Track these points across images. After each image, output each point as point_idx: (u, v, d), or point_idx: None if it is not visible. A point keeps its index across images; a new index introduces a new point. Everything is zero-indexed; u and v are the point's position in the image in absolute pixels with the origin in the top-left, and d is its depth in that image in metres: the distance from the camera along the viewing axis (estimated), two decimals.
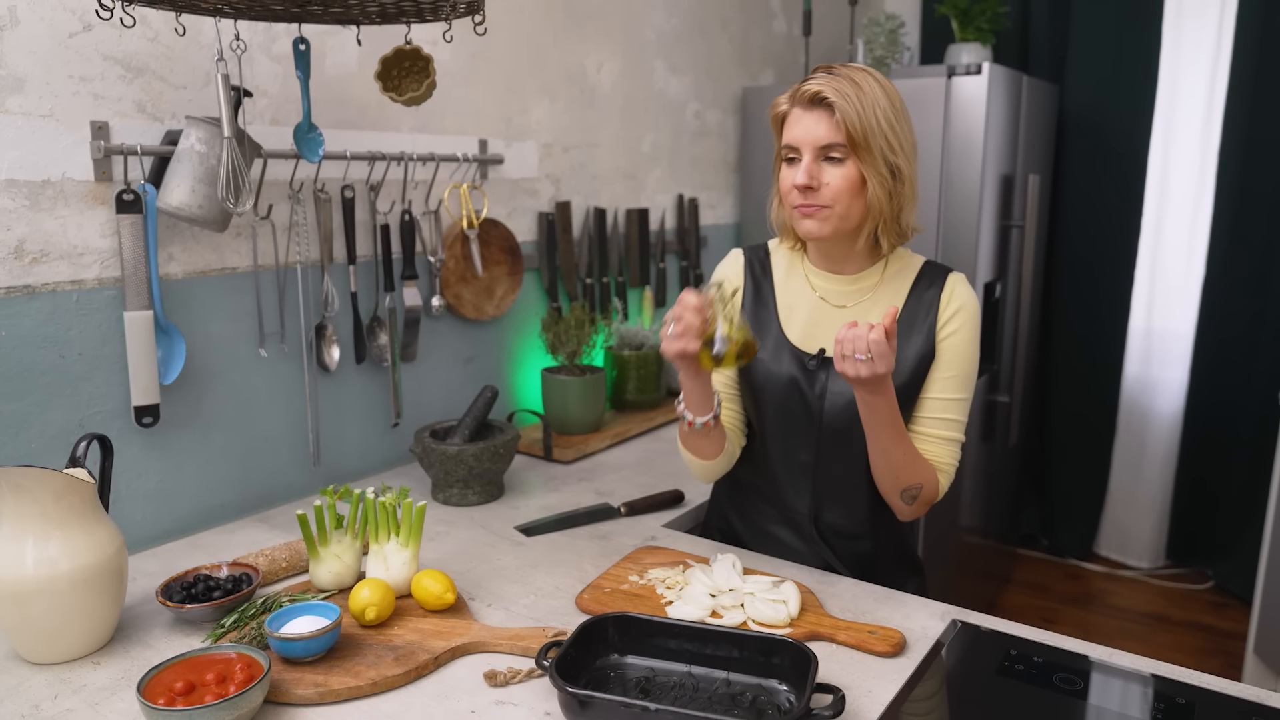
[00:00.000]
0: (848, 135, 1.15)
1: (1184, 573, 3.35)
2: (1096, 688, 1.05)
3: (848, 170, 1.17)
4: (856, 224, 1.22)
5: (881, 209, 1.20)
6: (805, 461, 1.33)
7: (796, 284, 1.33)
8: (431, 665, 1.08)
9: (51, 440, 1.32)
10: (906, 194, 1.21)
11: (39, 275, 1.28)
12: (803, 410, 1.30)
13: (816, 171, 1.18)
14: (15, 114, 1.24)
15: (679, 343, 1.12)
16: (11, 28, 1.22)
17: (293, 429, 1.64)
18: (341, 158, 1.61)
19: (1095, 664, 1.09)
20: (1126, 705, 1.03)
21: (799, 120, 1.19)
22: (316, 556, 1.24)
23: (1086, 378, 3.33)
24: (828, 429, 1.30)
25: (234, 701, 0.92)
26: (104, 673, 1.07)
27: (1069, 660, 1.10)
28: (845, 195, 1.18)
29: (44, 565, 1.05)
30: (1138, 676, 1.07)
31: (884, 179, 1.18)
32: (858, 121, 1.14)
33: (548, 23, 2.08)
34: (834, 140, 1.16)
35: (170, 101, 1.40)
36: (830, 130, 1.16)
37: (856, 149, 1.16)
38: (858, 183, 1.18)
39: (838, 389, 1.28)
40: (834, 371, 1.28)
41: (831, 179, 1.18)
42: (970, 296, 1.28)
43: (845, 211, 1.19)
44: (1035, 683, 1.05)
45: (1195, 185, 3.10)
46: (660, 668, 1.07)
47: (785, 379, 1.30)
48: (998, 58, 3.21)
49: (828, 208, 1.19)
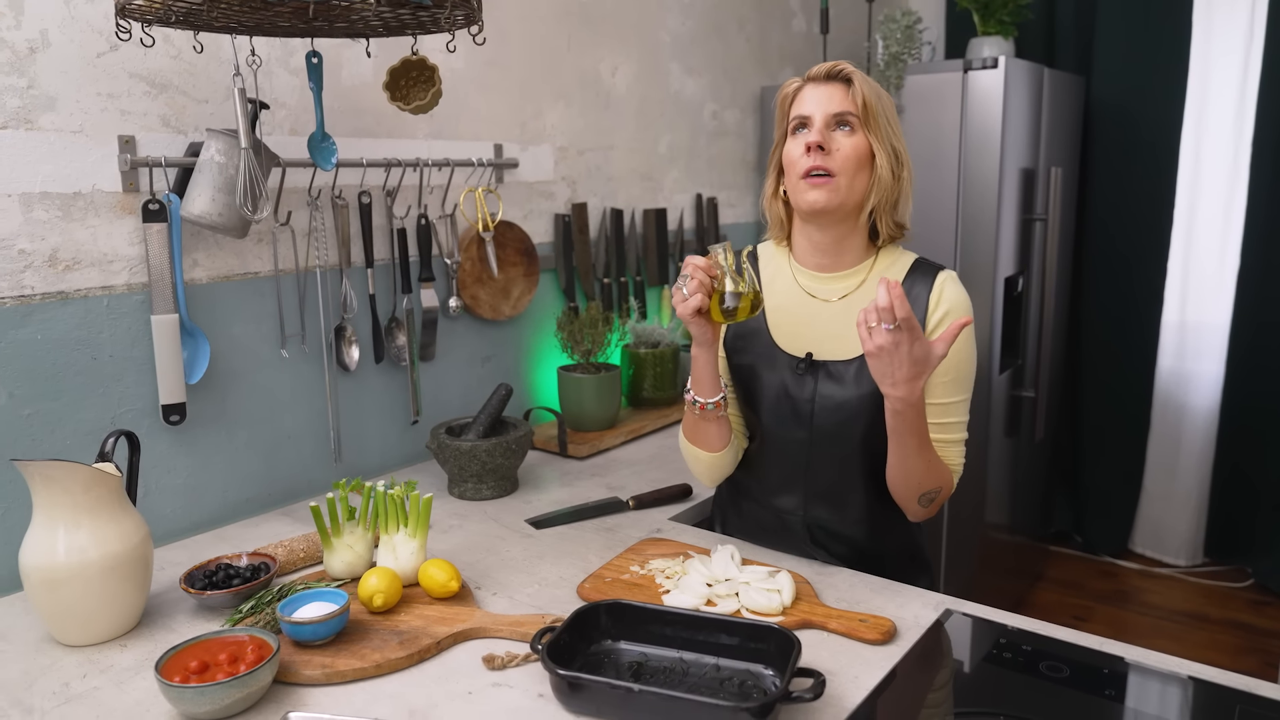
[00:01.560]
0: (863, 106, 1.20)
1: (1224, 570, 3.28)
2: (1082, 675, 1.06)
3: (858, 140, 1.21)
4: (860, 199, 1.24)
5: (886, 187, 1.22)
6: (798, 465, 1.34)
7: (783, 285, 1.34)
8: (434, 649, 1.13)
9: (85, 437, 1.40)
10: (907, 180, 1.24)
11: (72, 282, 1.36)
12: (792, 414, 1.31)
13: (828, 136, 1.21)
14: (48, 130, 1.32)
15: (693, 300, 1.16)
16: (44, 49, 1.30)
17: (314, 426, 1.71)
18: (358, 165, 1.67)
19: (1083, 651, 1.10)
20: (1112, 689, 1.03)
21: (811, 93, 1.24)
22: (330, 547, 1.30)
23: (1119, 372, 3.28)
24: (819, 433, 1.30)
25: (244, 679, 0.98)
26: (130, 654, 1.14)
27: (1057, 649, 1.11)
28: (853, 164, 1.21)
29: (75, 553, 1.12)
30: (1123, 663, 1.08)
31: (890, 156, 1.22)
32: (873, 97, 1.21)
33: (561, 29, 2.13)
34: (847, 109, 1.21)
35: (193, 115, 1.47)
36: (844, 100, 1.21)
37: (868, 121, 1.20)
38: (866, 154, 1.21)
39: (828, 392, 1.28)
40: (823, 375, 1.29)
41: (841, 145, 1.21)
42: (960, 295, 1.27)
43: (851, 183, 1.21)
44: (1022, 670, 1.07)
45: (1229, 174, 3.04)
46: (652, 653, 1.10)
47: (773, 382, 1.31)
48: (1022, 50, 3.18)
49: (835, 176, 1.21)
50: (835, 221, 1.26)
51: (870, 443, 1.28)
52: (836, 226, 1.27)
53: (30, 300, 1.33)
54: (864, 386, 1.26)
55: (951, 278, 1.28)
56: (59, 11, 1.31)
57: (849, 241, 1.28)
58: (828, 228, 1.27)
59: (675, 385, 2.26)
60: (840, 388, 1.28)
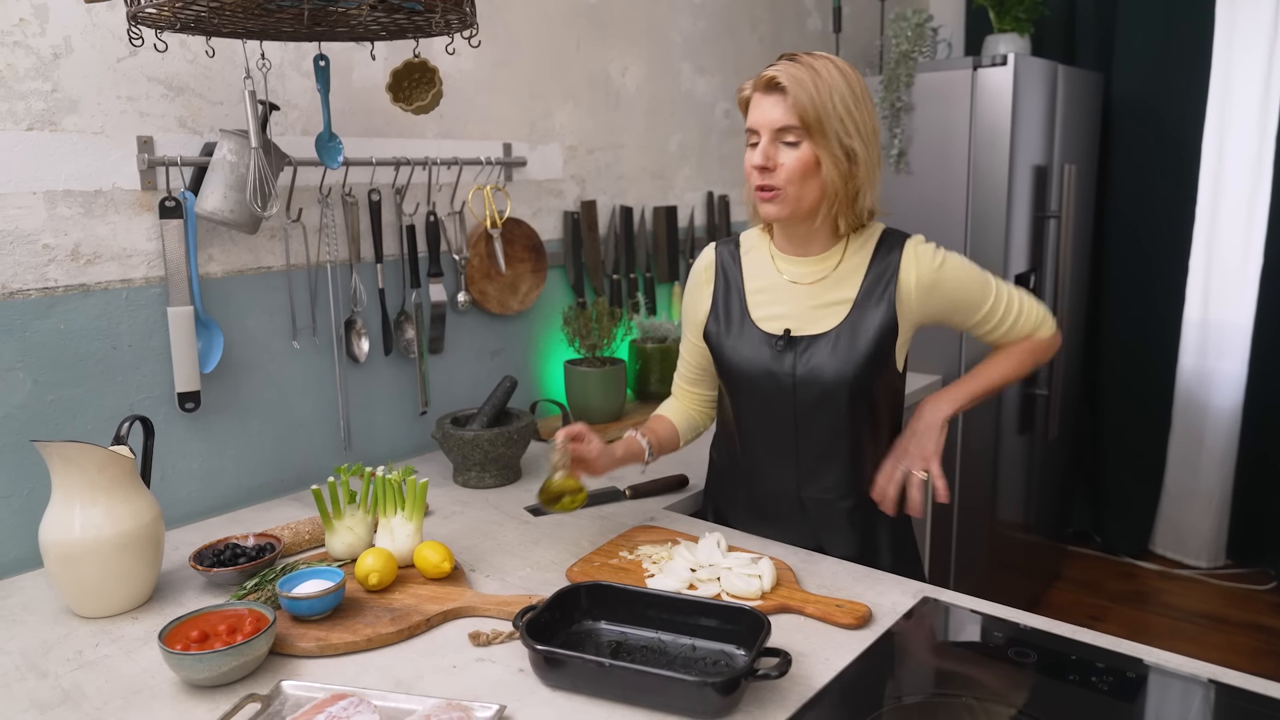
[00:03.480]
0: (800, 119, 1.22)
1: (1246, 573, 3.24)
2: (1048, 660, 1.08)
3: (801, 153, 1.24)
4: (812, 205, 1.28)
5: (836, 191, 1.25)
6: (784, 440, 1.38)
7: (764, 268, 1.40)
8: (424, 626, 1.18)
9: (105, 423, 1.47)
10: (863, 177, 1.26)
11: (93, 275, 1.44)
12: (774, 389, 1.36)
13: (772, 153, 1.25)
14: (71, 132, 1.39)
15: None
16: (67, 55, 1.38)
17: (325, 416, 1.78)
18: (368, 164, 1.73)
19: (1051, 638, 1.12)
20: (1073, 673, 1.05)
21: (758, 104, 1.27)
22: (331, 529, 1.36)
23: (1140, 371, 3.25)
24: (801, 406, 1.35)
25: (240, 649, 1.04)
26: (140, 626, 1.21)
27: (1028, 636, 1.13)
28: (798, 176, 1.24)
29: (90, 529, 1.19)
30: (1093, 650, 1.09)
31: (838, 161, 1.24)
32: (810, 106, 1.21)
33: (570, 30, 2.17)
34: (788, 123, 1.23)
35: (208, 116, 1.55)
36: (784, 114, 1.23)
37: (810, 132, 1.22)
38: (811, 164, 1.24)
39: (807, 366, 1.33)
40: (801, 350, 1.34)
41: (786, 160, 1.24)
42: (927, 252, 1.33)
43: (799, 193, 1.26)
44: (991, 655, 1.09)
45: (1252, 171, 3.00)
46: (632, 633, 1.14)
47: (755, 361, 1.36)
48: (1042, 47, 3.16)
49: (780, 190, 1.26)
50: (793, 224, 1.33)
51: (855, 414, 1.33)
52: (796, 227, 1.33)
53: (54, 292, 1.40)
54: (840, 356, 1.31)
55: (916, 242, 1.34)
56: (81, 19, 1.38)
57: (815, 234, 1.34)
58: (789, 228, 1.35)
59: None
60: (818, 359, 1.32)
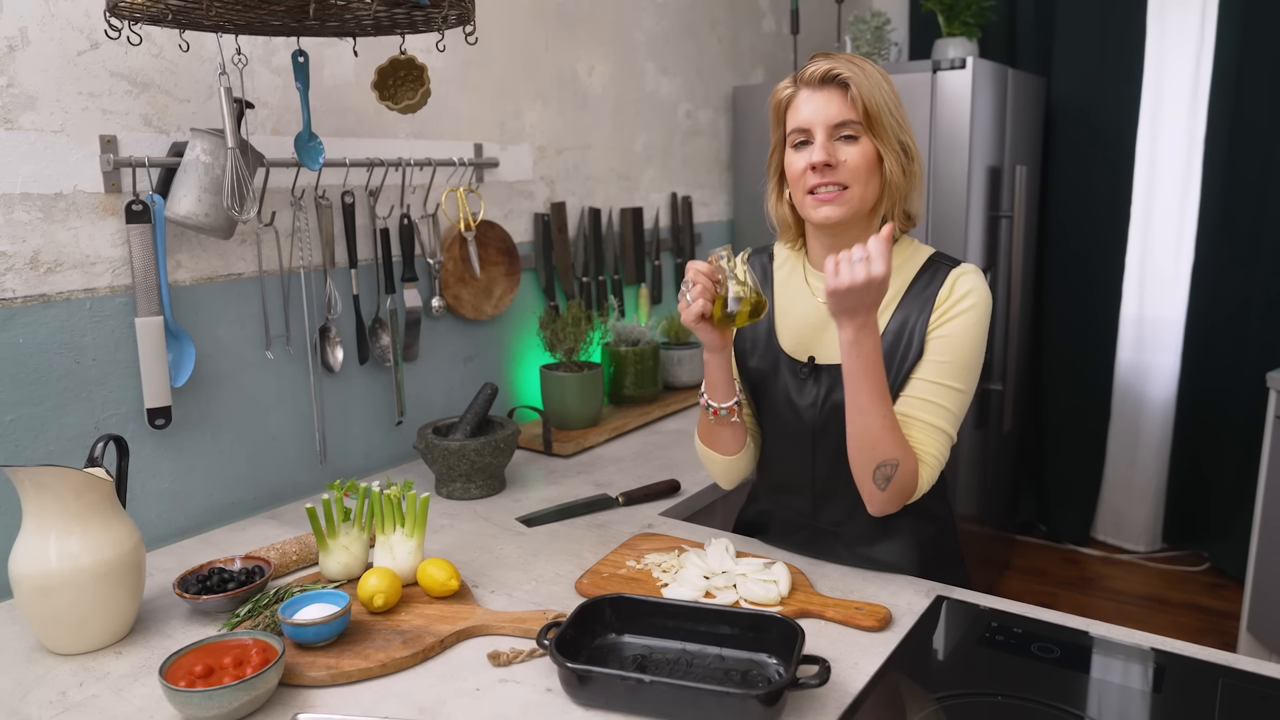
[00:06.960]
0: (864, 111, 1.14)
1: (1181, 555, 3.39)
2: (1072, 655, 1.10)
3: (863, 147, 1.16)
4: (873, 205, 1.20)
5: (899, 187, 1.18)
6: (803, 468, 1.32)
7: (795, 287, 1.32)
8: (438, 648, 1.13)
9: (69, 442, 1.37)
10: (917, 174, 1.20)
11: (54, 284, 1.34)
12: (794, 418, 1.29)
13: (833, 150, 1.16)
14: (28, 130, 1.29)
15: (696, 306, 1.16)
16: (23, 48, 1.28)
17: (300, 428, 1.70)
18: (341, 165, 1.66)
19: (1072, 632, 1.14)
20: (1107, 672, 1.07)
21: (808, 100, 1.17)
22: (325, 548, 1.29)
23: (1080, 365, 3.37)
24: (821, 437, 1.28)
25: (251, 682, 0.97)
26: (126, 661, 1.13)
27: (1047, 630, 1.15)
28: (863, 173, 1.16)
29: (67, 559, 1.11)
30: (1106, 643, 1.12)
31: (898, 155, 1.17)
32: (872, 96, 1.14)
33: (539, 28, 2.13)
34: (848, 117, 1.15)
35: (175, 114, 1.45)
36: (843, 107, 1.15)
37: (872, 125, 1.15)
38: (874, 160, 1.16)
39: (831, 401, 1.25)
40: (826, 379, 1.26)
41: (848, 157, 1.16)
42: (975, 288, 1.20)
43: (863, 192, 1.17)
44: (1015, 651, 1.10)
45: (1183, 172, 3.14)
46: (656, 645, 1.12)
47: (776, 387, 1.30)
48: (985, 51, 3.25)
49: (845, 188, 1.16)
50: (847, 229, 1.22)
51: None
52: (849, 232, 1.22)
53: (11, 304, 1.30)
54: None
55: (967, 272, 1.21)
56: (39, 9, 1.28)
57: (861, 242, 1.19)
58: (840, 235, 1.23)
59: (656, 383, 2.28)
60: (842, 394, 1.20)
